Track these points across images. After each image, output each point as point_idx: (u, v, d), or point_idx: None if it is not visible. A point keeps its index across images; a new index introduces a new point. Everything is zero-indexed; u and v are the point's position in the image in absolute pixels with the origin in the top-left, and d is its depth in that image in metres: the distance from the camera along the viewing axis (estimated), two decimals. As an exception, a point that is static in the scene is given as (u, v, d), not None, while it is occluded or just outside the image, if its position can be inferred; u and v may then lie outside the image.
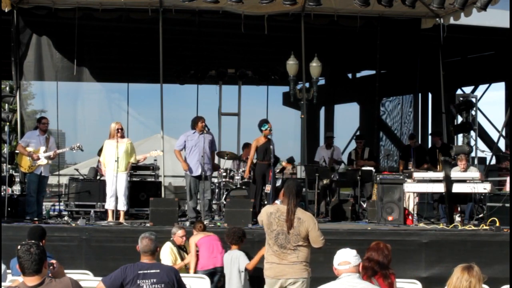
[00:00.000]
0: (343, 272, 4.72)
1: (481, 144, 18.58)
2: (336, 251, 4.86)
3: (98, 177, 13.29)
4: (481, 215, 11.43)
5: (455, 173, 11.35)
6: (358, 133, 18.87)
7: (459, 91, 20.23)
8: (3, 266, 6.10)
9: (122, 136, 11.11)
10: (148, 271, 5.53)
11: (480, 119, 19.62)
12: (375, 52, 14.97)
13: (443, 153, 13.01)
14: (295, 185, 6.20)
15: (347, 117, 22.28)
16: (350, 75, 21.52)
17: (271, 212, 6.08)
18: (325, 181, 12.75)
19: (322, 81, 17.53)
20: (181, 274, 5.86)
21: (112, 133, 11.05)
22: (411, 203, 12.31)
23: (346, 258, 4.75)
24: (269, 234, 6.05)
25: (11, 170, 13.43)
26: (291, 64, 12.68)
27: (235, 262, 8.36)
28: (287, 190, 6.14)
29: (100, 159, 11.38)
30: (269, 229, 6.04)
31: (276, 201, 7.04)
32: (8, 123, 12.69)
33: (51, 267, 4.80)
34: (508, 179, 13.43)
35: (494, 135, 20.64)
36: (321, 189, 12.81)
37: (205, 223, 10.75)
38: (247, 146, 13.62)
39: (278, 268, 6.01)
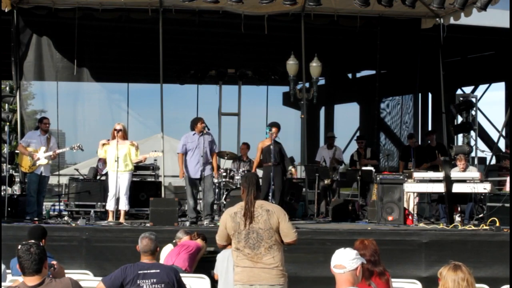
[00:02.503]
0: (338, 278, 4.19)
1: (481, 144, 18.61)
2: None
3: (98, 177, 13.30)
4: (481, 215, 11.41)
5: (454, 173, 11.36)
6: (358, 133, 18.85)
7: (459, 91, 20.26)
8: (3, 266, 6.09)
9: (123, 138, 11.09)
10: (148, 271, 5.53)
11: (480, 119, 19.68)
12: (375, 52, 14.97)
13: (440, 152, 13.01)
14: (253, 176, 5.66)
15: (347, 117, 22.31)
16: (350, 75, 21.51)
17: (235, 212, 5.40)
18: (326, 181, 12.77)
19: (322, 81, 17.53)
20: (181, 275, 5.86)
21: (112, 133, 11.05)
22: (411, 203, 12.32)
23: (341, 261, 4.20)
24: (238, 237, 5.34)
25: (11, 170, 13.43)
26: (291, 64, 12.67)
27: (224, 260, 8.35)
28: (246, 181, 5.52)
29: (98, 151, 11.20)
30: (236, 232, 5.35)
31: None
32: (8, 123, 12.68)
33: (51, 268, 4.81)
34: (508, 179, 13.43)
35: (494, 135, 20.71)
36: (322, 189, 12.82)
37: (205, 223, 10.79)
38: (245, 145, 13.64)
39: (252, 272, 5.28)
